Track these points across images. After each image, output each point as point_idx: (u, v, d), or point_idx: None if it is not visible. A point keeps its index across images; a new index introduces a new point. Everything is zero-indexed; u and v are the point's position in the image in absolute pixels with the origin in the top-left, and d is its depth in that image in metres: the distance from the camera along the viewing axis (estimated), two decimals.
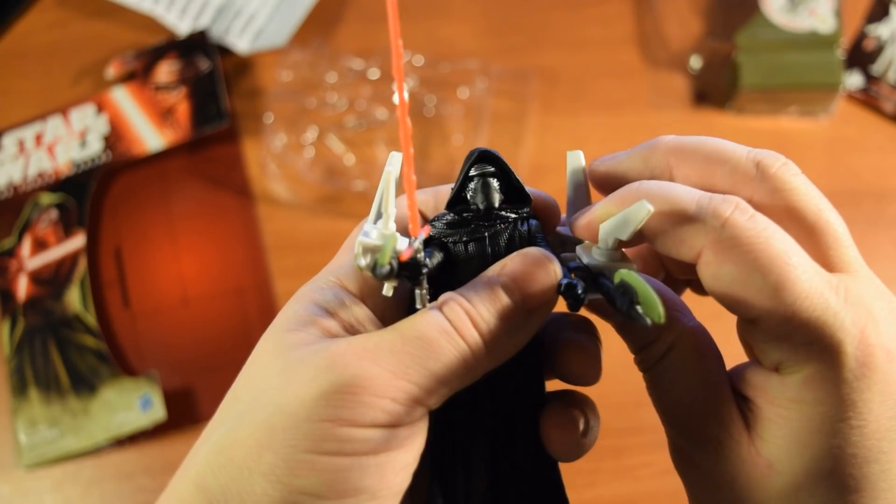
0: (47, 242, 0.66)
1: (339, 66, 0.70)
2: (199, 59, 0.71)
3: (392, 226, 0.24)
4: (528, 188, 0.28)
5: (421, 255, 0.23)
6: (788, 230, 0.24)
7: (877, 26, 0.67)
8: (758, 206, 0.24)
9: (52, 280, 0.64)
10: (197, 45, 0.71)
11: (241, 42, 0.72)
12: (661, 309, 0.21)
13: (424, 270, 0.23)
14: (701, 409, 0.25)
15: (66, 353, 0.61)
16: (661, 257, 0.32)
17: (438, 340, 0.22)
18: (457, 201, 0.27)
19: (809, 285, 0.22)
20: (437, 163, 0.66)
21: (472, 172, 0.27)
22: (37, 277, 0.64)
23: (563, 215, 0.30)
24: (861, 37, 0.68)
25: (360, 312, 0.25)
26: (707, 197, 0.24)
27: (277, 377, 0.23)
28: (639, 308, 0.21)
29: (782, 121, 0.67)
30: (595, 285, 0.24)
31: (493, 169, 0.27)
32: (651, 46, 0.71)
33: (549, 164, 0.65)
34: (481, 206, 0.27)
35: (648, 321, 0.21)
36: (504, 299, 0.24)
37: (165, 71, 0.71)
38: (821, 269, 0.23)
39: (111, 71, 0.72)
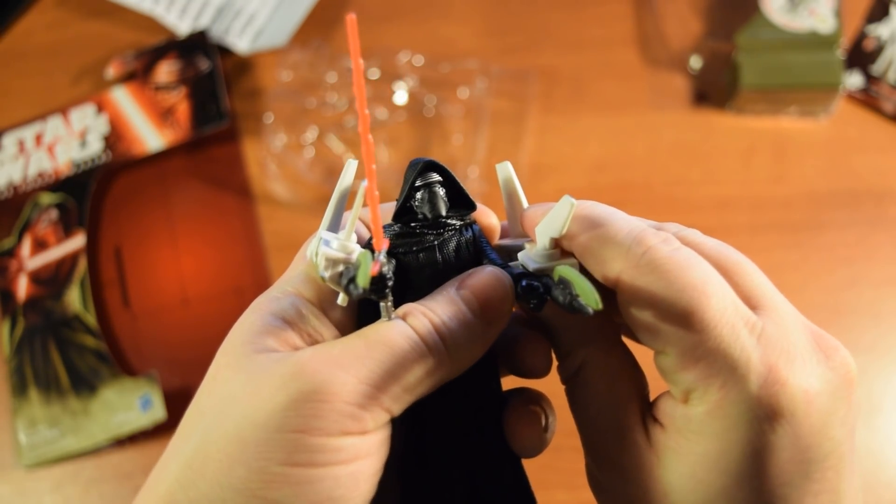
0: (47, 242, 0.66)
1: (339, 66, 0.70)
2: (199, 59, 0.71)
3: (354, 238, 0.25)
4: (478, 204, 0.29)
5: (386, 269, 0.23)
6: None
7: (877, 26, 0.67)
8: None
9: (52, 280, 0.64)
10: (197, 45, 0.71)
11: (241, 42, 0.72)
12: (596, 296, 0.22)
13: (390, 284, 0.24)
14: (608, 431, 0.25)
15: (66, 353, 0.61)
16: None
17: (403, 347, 0.23)
18: (402, 212, 0.28)
19: (721, 316, 0.22)
20: None
21: (419, 183, 0.27)
22: (37, 277, 0.64)
23: (505, 221, 0.31)
24: (861, 37, 0.68)
25: (318, 321, 0.25)
26: (640, 227, 0.24)
27: (242, 388, 0.22)
28: (580, 299, 0.23)
29: (782, 121, 0.67)
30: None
31: (438, 178, 0.27)
32: (651, 46, 0.71)
33: (549, 164, 0.65)
34: (429, 215, 0.27)
35: (590, 310, 0.22)
36: (465, 310, 0.24)
37: (165, 71, 0.71)
38: (740, 305, 0.23)
39: (111, 71, 0.72)
